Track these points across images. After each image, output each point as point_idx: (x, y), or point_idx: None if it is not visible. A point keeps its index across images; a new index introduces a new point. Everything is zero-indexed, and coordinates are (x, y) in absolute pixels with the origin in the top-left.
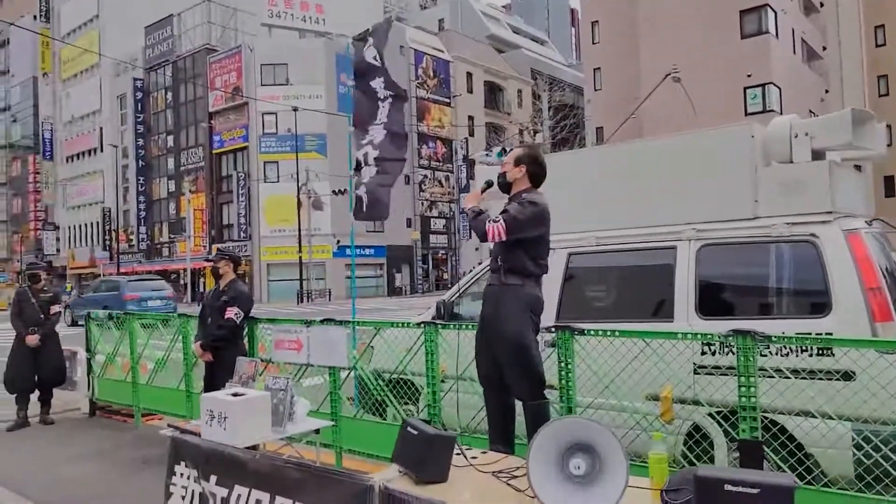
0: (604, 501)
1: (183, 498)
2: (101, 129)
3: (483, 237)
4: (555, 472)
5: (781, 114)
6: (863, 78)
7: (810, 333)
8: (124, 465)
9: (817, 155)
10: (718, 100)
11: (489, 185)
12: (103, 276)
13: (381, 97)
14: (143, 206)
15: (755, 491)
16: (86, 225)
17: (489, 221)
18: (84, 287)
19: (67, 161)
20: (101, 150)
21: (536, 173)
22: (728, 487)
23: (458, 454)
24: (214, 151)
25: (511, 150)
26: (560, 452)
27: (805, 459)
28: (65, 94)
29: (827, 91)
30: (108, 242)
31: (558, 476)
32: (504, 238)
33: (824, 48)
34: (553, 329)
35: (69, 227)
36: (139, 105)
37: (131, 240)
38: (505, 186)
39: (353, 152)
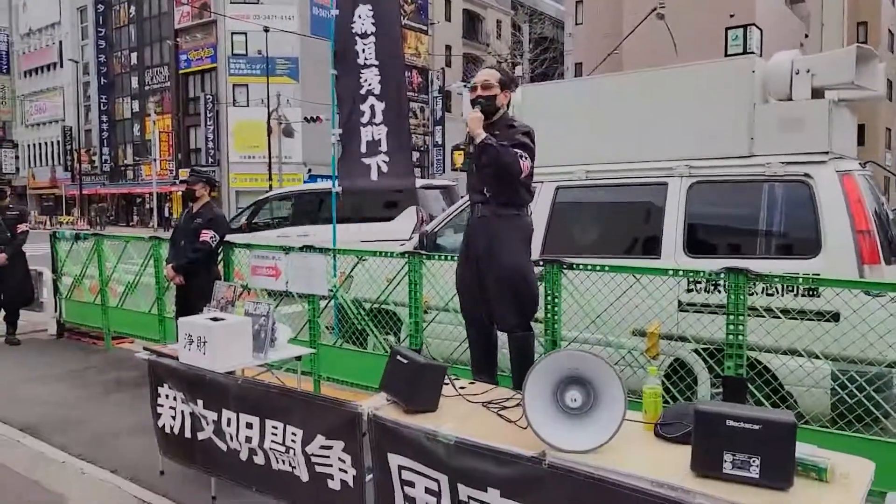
0: (600, 434)
1: (173, 418)
2: (60, 42)
3: (518, 174)
4: (550, 405)
5: (762, 56)
6: (842, 24)
7: (798, 274)
8: (96, 387)
9: (817, 93)
10: (700, 40)
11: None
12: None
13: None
14: (105, 125)
15: (757, 427)
16: (46, 143)
17: (522, 157)
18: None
19: (25, 76)
20: (61, 66)
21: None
22: (730, 423)
23: (446, 384)
24: (181, 72)
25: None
26: (555, 385)
27: (785, 397)
28: (21, 3)
29: (807, 36)
30: (69, 163)
31: (553, 409)
32: (528, 174)
33: None
34: (541, 262)
35: (28, 146)
36: (100, 18)
37: (94, 161)
38: (489, 112)
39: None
